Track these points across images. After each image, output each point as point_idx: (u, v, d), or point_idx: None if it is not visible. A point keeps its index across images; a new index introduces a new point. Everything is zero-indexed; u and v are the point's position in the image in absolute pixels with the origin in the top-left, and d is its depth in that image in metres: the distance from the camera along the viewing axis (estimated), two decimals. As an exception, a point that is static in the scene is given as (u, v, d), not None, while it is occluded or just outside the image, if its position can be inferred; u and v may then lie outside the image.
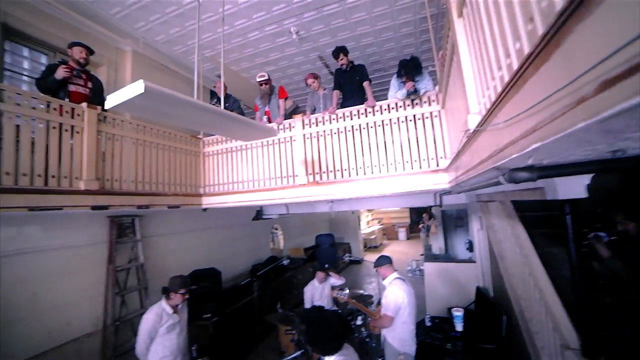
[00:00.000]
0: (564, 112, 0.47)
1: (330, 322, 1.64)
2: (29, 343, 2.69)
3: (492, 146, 0.90)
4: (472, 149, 1.22)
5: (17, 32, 3.11)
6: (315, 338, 1.61)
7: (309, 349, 1.71)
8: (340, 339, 1.62)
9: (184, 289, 2.65)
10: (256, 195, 3.53)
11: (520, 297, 2.49)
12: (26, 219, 2.77)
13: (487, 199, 3.08)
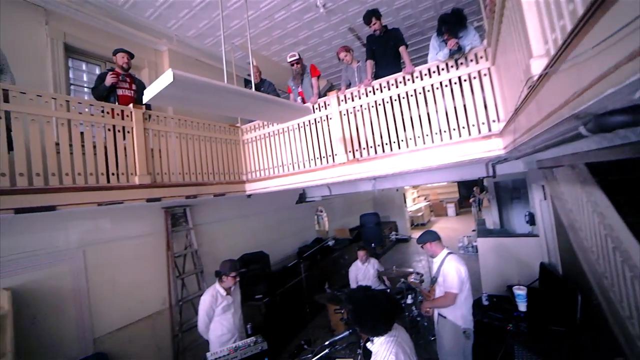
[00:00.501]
0: None
1: (378, 302, 1.56)
2: (114, 317, 3.12)
3: (568, 89, 0.71)
4: (537, 100, 1.01)
5: (74, 49, 3.45)
6: (362, 319, 1.55)
7: (357, 329, 1.67)
8: (389, 319, 1.55)
9: (234, 272, 2.79)
10: (297, 177, 3.53)
11: (602, 275, 2.15)
12: (98, 213, 3.12)
13: (552, 164, 2.68)
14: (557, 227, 3.39)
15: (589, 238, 2.28)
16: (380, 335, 1.55)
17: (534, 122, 1.08)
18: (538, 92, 1.01)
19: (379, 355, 1.48)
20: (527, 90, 1.07)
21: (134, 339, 3.23)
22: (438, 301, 2.59)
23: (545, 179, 3.31)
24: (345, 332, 1.75)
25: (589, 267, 2.35)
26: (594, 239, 2.18)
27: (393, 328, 1.59)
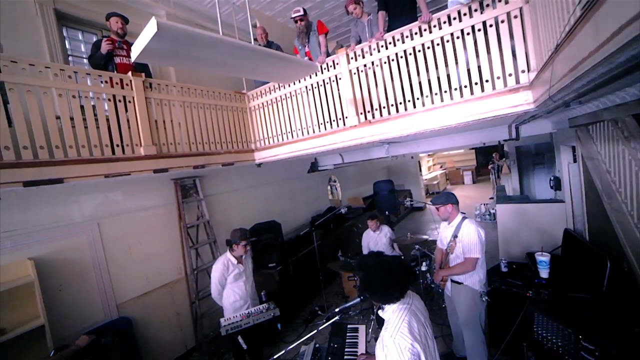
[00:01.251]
0: None
1: (390, 268, 1.45)
2: (134, 285, 3.25)
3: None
4: (595, 22, 0.79)
5: (67, 16, 3.26)
6: (373, 286, 1.46)
7: (368, 297, 1.59)
8: (401, 286, 1.45)
9: (245, 240, 2.78)
10: (307, 143, 3.37)
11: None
12: (109, 186, 3.14)
13: (589, 120, 2.40)
14: (586, 191, 3.14)
15: (630, 200, 2.07)
16: (392, 303, 1.46)
17: (585, 53, 0.87)
18: (590, 17, 0.79)
19: (391, 323, 1.40)
20: (581, 12, 0.84)
21: (154, 305, 3.37)
22: (457, 268, 2.48)
23: (577, 139, 3.01)
24: (356, 298, 1.68)
25: (625, 233, 2.15)
26: (636, 200, 1.97)
27: (406, 295, 1.50)
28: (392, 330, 1.37)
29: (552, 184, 4.36)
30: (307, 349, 1.98)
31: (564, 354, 1.96)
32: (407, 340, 1.33)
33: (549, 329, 2.06)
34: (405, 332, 1.35)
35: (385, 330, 1.41)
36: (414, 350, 1.32)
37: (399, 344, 1.32)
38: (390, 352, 1.33)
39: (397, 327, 1.37)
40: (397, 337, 1.34)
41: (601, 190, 2.62)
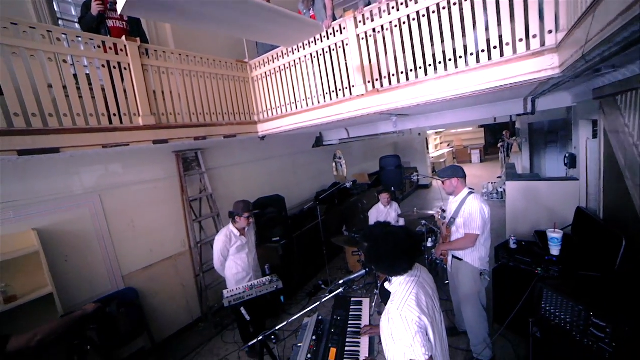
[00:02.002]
0: None
1: (397, 239, 1.36)
2: (138, 257, 3.27)
3: None
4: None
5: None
6: (379, 257, 1.37)
7: (373, 269, 1.53)
8: (409, 257, 1.37)
9: (247, 212, 2.74)
10: (311, 114, 3.23)
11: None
12: (109, 158, 3.07)
13: (617, 89, 2.22)
14: (605, 169, 2.99)
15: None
16: (399, 275, 1.39)
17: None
18: None
19: (398, 296, 1.34)
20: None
21: (159, 277, 3.41)
22: (456, 243, 2.42)
23: (600, 112, 2.81)
24: (361, 271, 1.63)
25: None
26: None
27: (414, 268, 1.43)
28: (399, 303, 1.31)
29: (567, 162, 4.19)
30: (310, 321, 1.97)
31: (572, 330, 1.92)
32: (415, 313, 1.27)
33: (557, 306, 2.01)
34: (413, 305, 1.29)
35: (391, 303, 1.35)
36: (421, 324, 1.27)
37: (406, 316, 1.27)
38: (397, 324, 1.28)
39: (405, 299, 1.31)
40: (404, 310, 1.28)
41: (624, 167, 2.47)
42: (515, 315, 2.42)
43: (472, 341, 2.51)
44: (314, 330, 1.83)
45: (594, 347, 1.80)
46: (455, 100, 2.83)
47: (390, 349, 1.43)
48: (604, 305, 1.82)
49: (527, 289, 2.38)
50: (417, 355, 1.24)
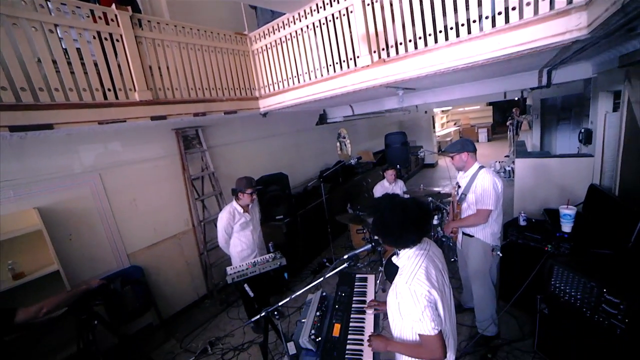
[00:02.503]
0: None
1: (405, 208, 1.28)
2: (142, 236, 3.27)
3: None
4: None
5: None
6: (386, 227, 1.30)
7: (380, 242, 1.47)
8: (418, 229, 1.29)
9: (250, 188, 2.68)
10: (314, 87, 3.08)
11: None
12: (108, 137, 3.00)
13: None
14: (626, 143, 2.84)
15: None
16: (407, 248, 1.33)
17: None
18: None
19: (406, 270, 1.28)
20: None
21: (164, 255, 3.43)
22: (468, 220, 2.33)
23: (626, 81, 2.63)
24: (367, 245, 1.57)
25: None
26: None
27: (423, 241, 1.37)
28: (407, 277, 1.26)
29: (582, 137, 4.01)
30: (313, 297, 1.95)
31: (582, 307, 1.88)
32: (424, 287, 1.22)
33: (568, 282, 1.96)
34: (422, 279, 1.24)
35: (399, 277, 1.30)
36: (431, 298, 1.22)
37: (415, 290, 1.22)
38: (405, 298, 1.24)
39: (413, 273, 1.26)
40: (413, 284, 1.23)
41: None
42: (522, 293, 2.39)
43: (478, 317, 2.49)
44: (317, 306, 1.81)
45: (604, 323, 1.76)
46: (467, 70, 2.65)
47: (397, 324, 1.40)
48: (617, 282, 1.77)
49: (536, 266, 2.33)
50: (426, 329, 1.20)
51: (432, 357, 1.24)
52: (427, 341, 1.22)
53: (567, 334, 2.02)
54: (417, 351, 1.29)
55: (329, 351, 1.52)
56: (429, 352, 1.23)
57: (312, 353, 1.61)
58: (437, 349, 1.21)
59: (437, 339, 1.20)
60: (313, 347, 1.60)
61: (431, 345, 1.21)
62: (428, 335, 1.20)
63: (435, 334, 1.20)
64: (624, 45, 2.37)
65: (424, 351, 1.25)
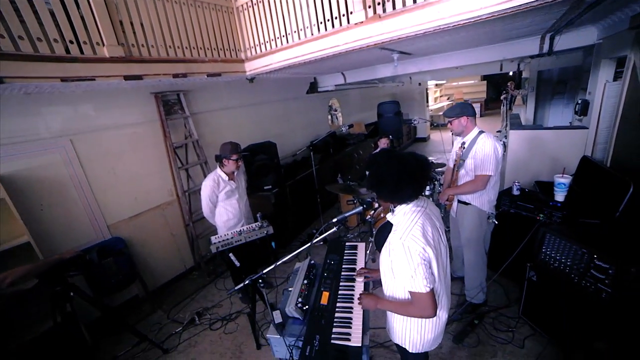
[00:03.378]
0: None
1: (403, 161, 1.20)
2: (123, 206, 3.11)
3: None
4: None
5: None
6: (382, 180, 1.21)
7: (371, 204, 1.39)
8: (415, 182, 1.21)
9: (236, 154, 2.53)
10: (304, 48, 2.83)
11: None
12: (76, 97, 2.72)
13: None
14: (624, 113, 2.77)
15: None
16: (403, 203, 1.25)
17: None
18: None
19: (401, 226, 1.21)
20: None
21: (148, 227, 3.30)
22: (466, 186, 2.25)
23: (635, 44, 2.50)
24: (358, 207, 1.48)
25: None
26: None
27: (420, 199, 1.29)
28: (402, 233, 1.19)
29: (578, 109, 3.94)
30: (301, 266, 1.88)
31: (571, 273, 1.88)
32: (419, 244, 1.16)
33: (559, 250, 1.94)
34: (418, 235, 1.17)
35: (394, 234, 1.24)
36: (425, 256, 1.17)
37: (409, 246, 1.16)
38: (398, 255, 1.18)
39: (409, 229, 1.19)
40: (407, 240, 1.17)
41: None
42: (510, 262, 2.39)
43: (468, 285, 2.50)
44: (305, 275, 1.75)
45: (591, 288, 1.77)
46: (467, 30, 2.49)
47: (389, 284, 1.36)
48: (607, 249, 1.76)
49: (526, 235, 2.32)
50: (417, 286, 1.16)
51: (422, 314, 1.23)
52: (418, 299, 1.19)
53: (552, 300, 2.05)
54: (407, 309, 1.28)
55: (317, 319, 1.47)
56: (419, 310, 1.21)
57: (299, 321, 1.56)
58: (427, 307, 1.19)
59: (428, 297, 1.18)
60: (300, 316, 1.54)
61: (422, 302, 1.19)
62: (419, 292, 1.17)
63: (426, 292, 1.17)
64: (637, 3, 2.23)
65: (414, 309, 1.24)
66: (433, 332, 1.37)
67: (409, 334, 1.38)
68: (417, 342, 1.38)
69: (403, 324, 1.39)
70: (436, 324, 1.36)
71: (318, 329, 1.41)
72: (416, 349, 1.40)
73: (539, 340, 2.20)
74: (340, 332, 1.39)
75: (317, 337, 1.36)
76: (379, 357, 2.26)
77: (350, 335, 1.37)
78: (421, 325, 1.35)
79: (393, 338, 1.48)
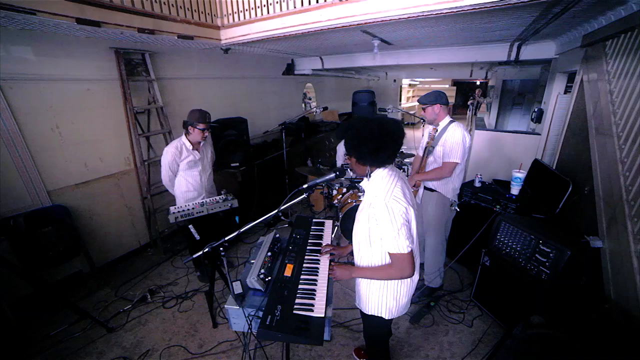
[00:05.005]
0: None
1: (382, 121, 1.22)
2: (69, 171, 2.78)
3: None
4: None
5: None
6: (363, 139, 1.19)
7: (345, 171, 1.38)
8: (393, 142, 1.21)
9: (203, 124, 2.36)
10: (284, 20, 2.68)
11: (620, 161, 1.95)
12: (8, 35, 2.29)
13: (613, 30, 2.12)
14: (570, 122, 3.08)
15: (624, 121, 1.99)
16: (381, 166, 1.27)
17: None
18: None
19: (382, 189, 1.22)
20: None
21: (98, 196, 2.99)
22: (433, 173, 2.33)
23: (583, 61, 2.77)
24: (330, 174, 1.45)
25: (601, 155, 2.16)
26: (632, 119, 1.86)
27: (392, 167, 1.32)
28: (385, 195, 1.20)
29: (534, 116, 4.30)
30: (265, 239, 1.82)
31: (519, 258, 2.05)
32: (402, 204, 1.19)
33: (512, 237, 2.10)
34: (400, 196, 1.20)
35: (375, 197, 1.23)
36: (408, 216, 1.21)
37: (392, 207, 1.18)
38: (381, 217, 1.19)
39: (390, 190, 1.21)
40: (391, 201, 1.18)
41: (591, 115, 2.53)
42: (466, 250, 2.56)
43: (427, 270, 2.61)
44: (269, 247, 1.69)
45: (534, 271, 1.96)
46: (447, 23, 2.56)
47: (364, 254, 1.37)
48: (550, 236, 1.94)
49: (483, 225, 2.48)
50: (400, 247, 1.19)
51: (402, 275, 1.25)
52: (399, 259, 1.22)
53: (500, 283, 2.23)
54: (386, 272, 1.30)
55: (279, 290, 1.42)
56: (399, 271, 1.24)
57: (260, 293, 1.50)
58: (407, 266, 1.22)
59: (409, 257, 1.21)
60: (262, 287, 1.49)
61: (402, 263, 1.22)
62: (401, 253, 1.20)
63: (407, 252, 1.20)
64: (589, 23, 2.46)
65: (394, 270, 1.25)
66: (407, 296, 1.43)
67: (385, 301, 1.41)
68: (392, 308, 1.43)
69: (379, 293, 1.41)
70: (410, 287, 1.42)
71: (280, 300, 1.36)
72: (392, 315, 1.44)
73: (485, 321, 2.38)
74: (304, 302, 1.36)
75: (279, 308, 1.32)
76: (339, 336, 2.28)
77: (313, 306, 1.34)
78: (397, 290, 1.39)
79: (367, 310, 1.49)
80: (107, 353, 2.21)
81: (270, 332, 1.22)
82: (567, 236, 1.96)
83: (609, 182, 2.07)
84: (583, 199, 2.38)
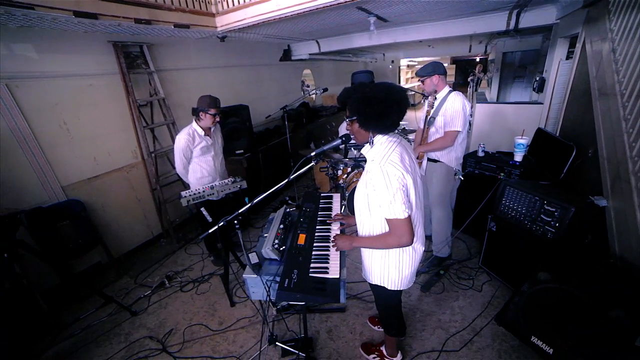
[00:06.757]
0: None
1: (389, 85, 1.21)
2: (80, 167, 2.86)
3: None
4: None
5: None
6: (370, 103, 1.18)
7: (350, 138, 1.40)
8: (398, 107, 1.20)
9: (214, 109, 2.41)
10: (280, 1, 2.67)
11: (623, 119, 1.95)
12: (9, 34, 2.33)
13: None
14: (573, 87, 3.05)
15: (627, 79, 1.98)
16: (385, 132, 1.27)
17: None
18: None
19: (379, 154, 1.23)
20: None
21: (110, 189, 3.07)
22: (436, 143, 2.34)
23: (585, 23, 2.72)
24: (337, 140, 1.48)
25: (604, 117, 2.14)
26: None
27: (395, 134, 1.32)
28: (381, 159, 1.21)
29: (536, 85, 4.25)
30: (276, 214, 1.88)
31: (524, 220, 2.09)
32: (398, 169, 1.18)
33: (517, 200, 2.14)
34: (396, 161, 1.20)
35: (371, 162, 1.26)
36: (404, 181, 1.20)
37: (387, 171, 1.18)
38: (377, 181, 1.19)
39: (387, 155, 1.22)
40: (386, 165, 1.19)
41: (594, 77, 2.51)
42: (472, 220, 2.60)
43: (435, 240, 2.66)
44: (281, 220, 1.75)
45: (539, 231, 2.00)
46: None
47: (365, 223, 1.39)
48: (555, 197, 1.98)
49: (488, 194, 2.51)
50: (396, 212, 1.18)
51: (400, 242, 1.24)
52: (396, 225, 1.21)
53: (507, 247, 2.28)
54: (384, 240, 1.30)
55: (294, 257, 1.49)
56: (397, 237, 1.23)
57: (276, 262, 1.57)
58: (405, 233, 1.20)
59: (406, 223, 1.20)
60: (277, 257, 1.56)
61: (400, 229, 1.21)
62: (397, 219, 1.19)
63: (404, 218, 1.19)
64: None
65: (392, 237, 1.25)
66: (410, 268, 1.41)
67: (387, 271, 1.41)
68: (395, 280, 1.43)
69: (382, 262, 1.41)
70: (413, 259, 1.40)
71: (296, 265, 1.43)
72: (395, 286, 1.45)
73: (494, 285, 2.45)
74: (319, 266, 1.43)
75: (295, 272, 1.39)
76: (353, 307, 2.37)
77: (328, 269, 1.41)
78: (399, 261, 1.38)
79: (371, 279, 1.51)
80: (134, 334, 2.32)
81: (290, 293, 1.28)
82: (571, 195, 2.00)
83: (612, 142, 2.08)
84: (587, 162, 2.39)
